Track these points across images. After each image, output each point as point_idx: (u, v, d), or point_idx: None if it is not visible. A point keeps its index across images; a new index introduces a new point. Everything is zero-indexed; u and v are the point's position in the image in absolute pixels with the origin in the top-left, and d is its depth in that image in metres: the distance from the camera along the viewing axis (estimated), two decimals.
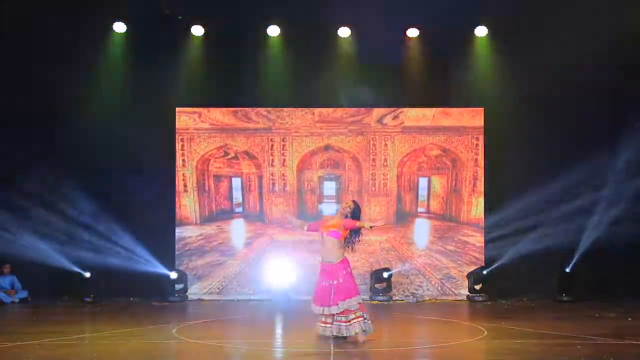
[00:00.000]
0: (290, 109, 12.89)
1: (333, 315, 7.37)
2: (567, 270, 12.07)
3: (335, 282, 7.39)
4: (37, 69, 12.39)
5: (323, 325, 7.45)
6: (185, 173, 12.90)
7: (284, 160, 12.94)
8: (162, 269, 12.26)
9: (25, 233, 12.24)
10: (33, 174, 12.42)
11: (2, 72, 12.25)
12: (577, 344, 7.50)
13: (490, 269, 12.33)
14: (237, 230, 12.98)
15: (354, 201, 7.76)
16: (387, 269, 12.35)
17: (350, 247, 7.64)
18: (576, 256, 12.10)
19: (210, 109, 12.96)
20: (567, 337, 8.07)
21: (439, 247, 12.83)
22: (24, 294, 12.21)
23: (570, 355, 6.89)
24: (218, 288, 12.71)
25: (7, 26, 12.03)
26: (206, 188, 12.98)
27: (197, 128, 12.92)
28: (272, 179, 12.95)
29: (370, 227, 7.54)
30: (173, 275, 12.23)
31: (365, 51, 12.47)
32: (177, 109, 12.90)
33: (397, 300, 12.39)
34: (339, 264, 7.47)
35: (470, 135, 12.85)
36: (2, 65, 12.22)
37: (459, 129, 12.86)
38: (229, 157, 13.02)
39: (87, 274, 12.10)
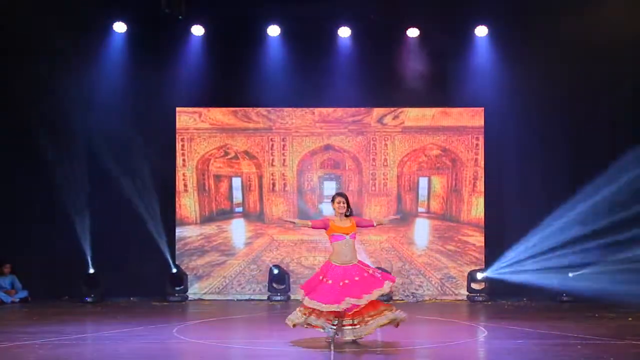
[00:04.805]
0: (291, 108, 12.89)
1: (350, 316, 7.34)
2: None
3: (365, 274, 7.37)
4: (37, 68, 12.42)
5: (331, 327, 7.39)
6: (186, 173, 12.91)
7: (284, 160, 12.94)
8: None
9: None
10: (31, 173, 12.45)
11: (2, 72, 12.25)
12: (578, 344, 7.50)
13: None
14: (237, 230, 12.98)
15: (339, 194, 7.64)
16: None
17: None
18: None
19: (210, 108, 12.96)
20: (567, 337, 8.07)
21: (439, 247, 12.83)
22: (24, 293, 12.21)
23: (571, 356, 6.89)
24: (218, 288, 12.71)
25: (8, 26, 12.02)
26: (206, 188, 12.98)
27: (197, 128, 12.93)
28: (272, 179, 12.95)
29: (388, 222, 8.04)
30: None
31: (366, 51, 12.46)
32: (177, 108, 12.90)
33: (397, 300, 12.38)
34: (359, 263, 7.50)
35: (470, 135, 12.85)
36: (2, 65, 12.22)
37: (459, 128, 12.87)
38: (229, 157, 13.02)
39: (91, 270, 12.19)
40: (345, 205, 7.54)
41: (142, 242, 12.39)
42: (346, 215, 7.57)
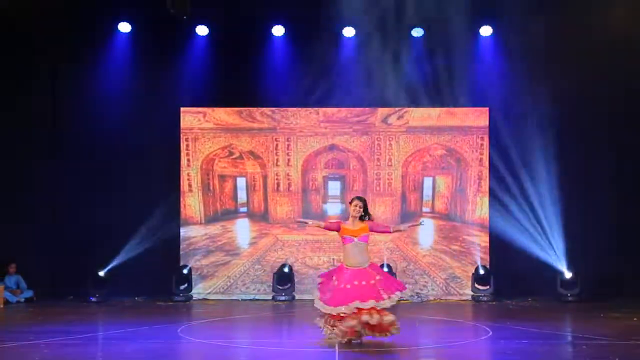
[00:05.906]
0: (295, 108, 12.88)
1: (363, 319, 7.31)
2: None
3: (372, 281, 7.35)
4: (41, 68, 12.45)
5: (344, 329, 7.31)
6: (190, 173, 12.92)
7: (288, 160, 12.94)
8: None
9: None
10: (36, 174, 12.47)
11: (6, 72, 12.28)
12: (583, 344, 7.49)
13: None
14: (242, 230, 12.98)
15: (358, 198, 7.74)
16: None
17: None
18: None
19: (214, 108, 12.97)
20: (572, 337, 8.05)
21: (443, 247, 12.81)
22: (29, 293, 12.23)
23: (576, 356, 6.88)
24: (222, 288, 12.72)
25: (12, 26, 12.05)
26: (211, 188, 12.99)
27: (202, 128, 12.93)
28: (277, 179, 12.95)
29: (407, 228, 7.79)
30: None
31: (370, 51, 12.44)
32: (182, 108, 12.91)
33: (401, 300, 12.31)
34: (370, 267, 7.50)
35: (475, 135, 12.83)
36: (5, 65, 12.26)
37: (464, 128, 12.85)
38: (234, 156, 13.03)
39: (101, 273, 12.21)
40: (361, 209, 7.59)
41: (147, 242, 12.38)
42: (361, 219, 7.58)
